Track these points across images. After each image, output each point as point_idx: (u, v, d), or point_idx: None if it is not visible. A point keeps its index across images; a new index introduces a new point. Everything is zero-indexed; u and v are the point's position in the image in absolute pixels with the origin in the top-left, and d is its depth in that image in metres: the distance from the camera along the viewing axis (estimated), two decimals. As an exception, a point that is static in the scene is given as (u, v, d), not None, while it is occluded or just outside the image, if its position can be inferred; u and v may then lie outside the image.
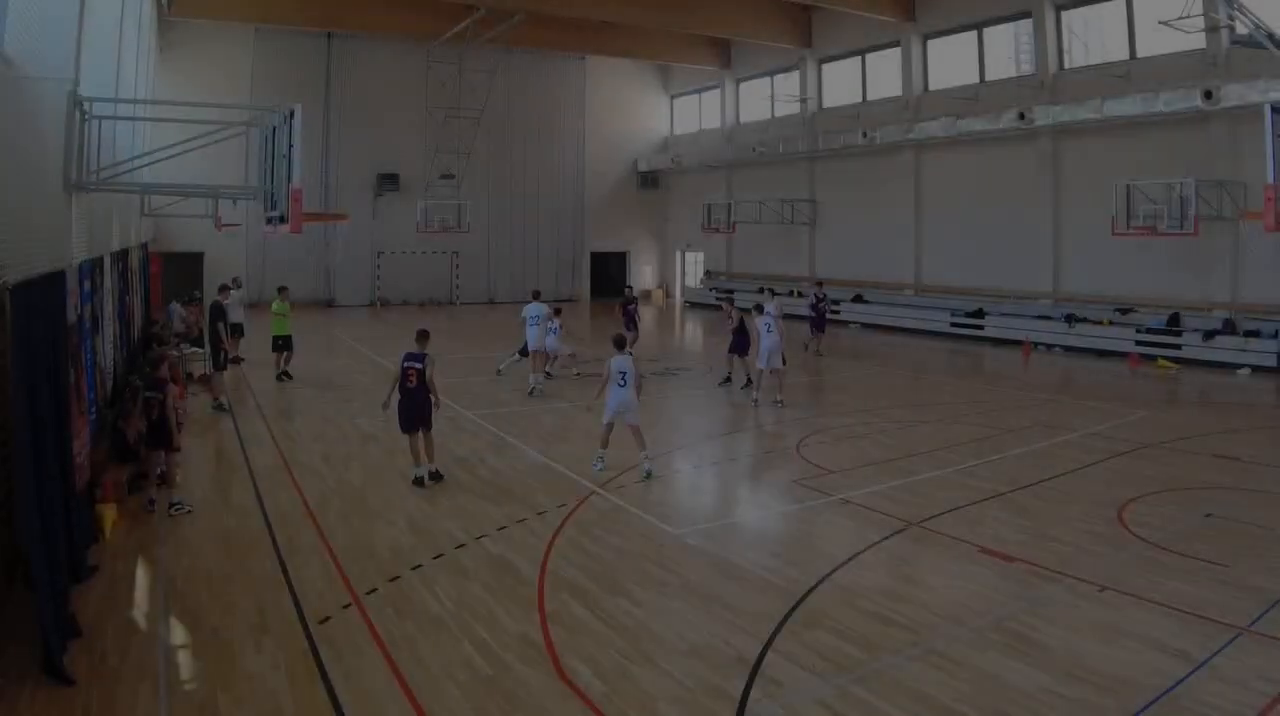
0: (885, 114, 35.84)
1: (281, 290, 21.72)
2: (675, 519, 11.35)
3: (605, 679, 6.98)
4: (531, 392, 19.23)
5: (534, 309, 20.20)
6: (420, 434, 12.59)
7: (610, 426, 13.17)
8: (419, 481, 12.44)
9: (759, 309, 19.85)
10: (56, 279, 8.99)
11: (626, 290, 28.15)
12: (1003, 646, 7.59)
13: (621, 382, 12.92)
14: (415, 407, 12.49)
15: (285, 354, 20.92)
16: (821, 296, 27.38)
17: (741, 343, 20.09)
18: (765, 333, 18.28)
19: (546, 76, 46.43)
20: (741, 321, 20.09)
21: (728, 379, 20.87)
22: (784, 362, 18.69)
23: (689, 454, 15.06)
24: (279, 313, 21.00)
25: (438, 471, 12.67)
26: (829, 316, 28.51)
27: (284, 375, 20.79)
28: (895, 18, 34.46)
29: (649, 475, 12.89)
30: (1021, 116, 28.94)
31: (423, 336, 12.85)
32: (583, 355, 22.45)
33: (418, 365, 12.48)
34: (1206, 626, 7.88)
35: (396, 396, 12.67)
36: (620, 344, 13.59)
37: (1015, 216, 31.14)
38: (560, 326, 20.64)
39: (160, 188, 16.89)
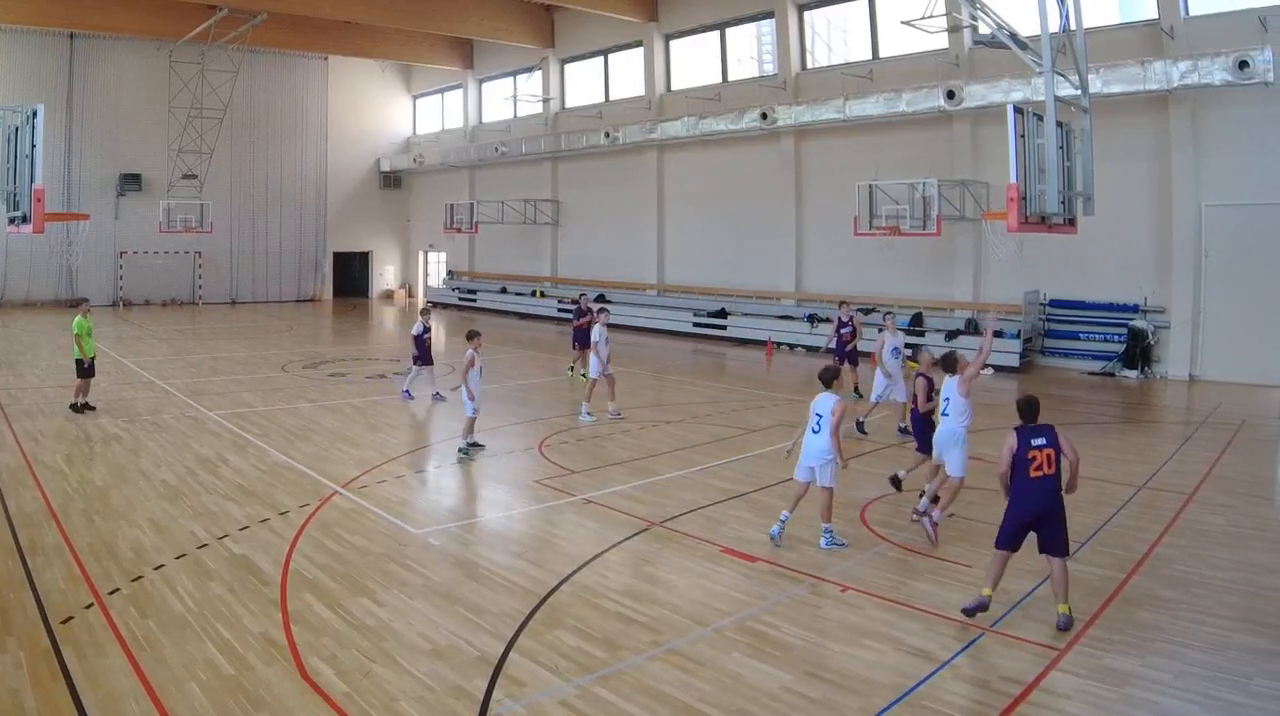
0: (628, 114, 36.42)
1: (80, 303, 18.39)
2: (418, 519, 11.60)
3: (347, 678, 7.10)
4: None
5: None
6: None
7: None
8: None
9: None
10: None
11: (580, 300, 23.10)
12: (745, 646, 7.71)
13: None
14: None
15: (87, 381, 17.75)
16: (847, 319, 20.60)
17: None
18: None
19: (289, 76, 47.27)
20: None
21: None
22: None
23: (431, 453, 15.36)
24: (84, 331, 17.50)
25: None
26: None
27: (86, 406, 17.57)
28: (637, 18, 35.20)
29: None
30: (764, 117, 29.96)
31: None
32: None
33: None
34: (949, 626, 8.14)
35: None
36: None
37: (759, 216, 32.30)
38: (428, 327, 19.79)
39: (-102, 189, 16.88)
